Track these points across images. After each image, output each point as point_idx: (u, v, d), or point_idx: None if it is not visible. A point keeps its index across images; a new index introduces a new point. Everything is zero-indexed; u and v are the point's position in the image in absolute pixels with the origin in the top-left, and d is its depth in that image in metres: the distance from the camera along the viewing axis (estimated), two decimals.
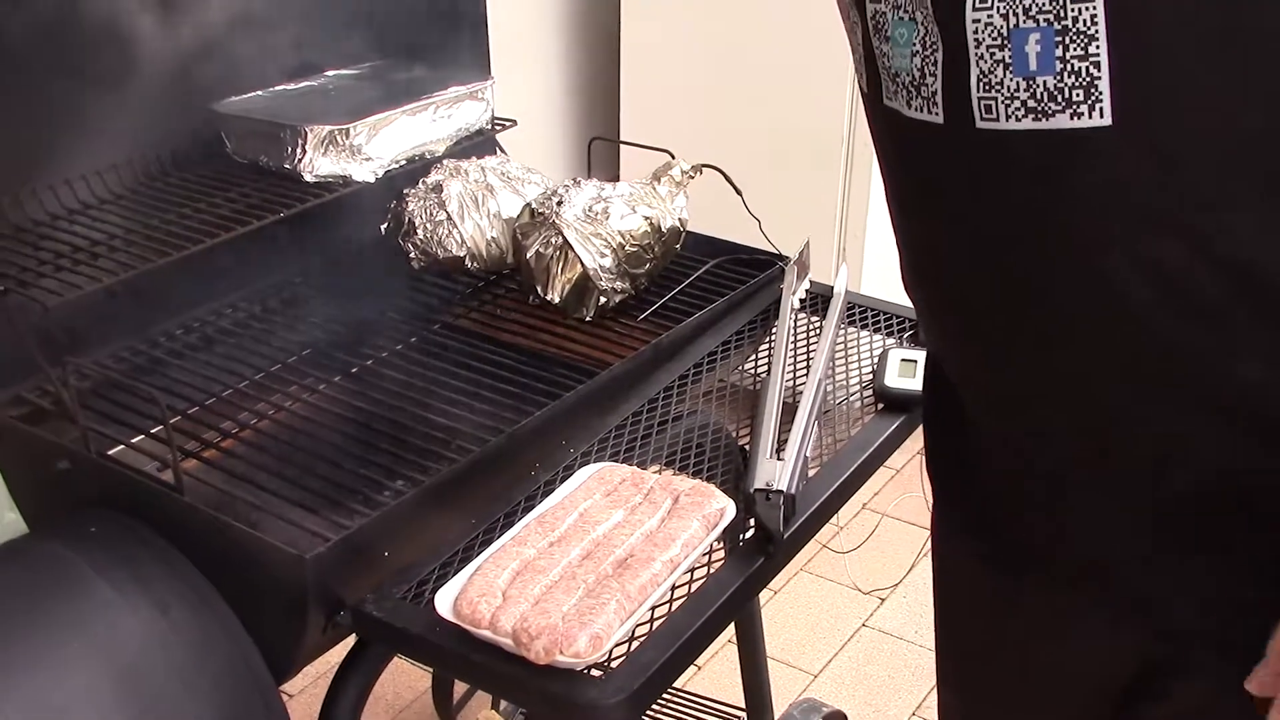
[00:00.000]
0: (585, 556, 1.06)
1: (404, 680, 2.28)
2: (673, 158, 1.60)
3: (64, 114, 1.45)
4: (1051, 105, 0.69)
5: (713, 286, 1.57)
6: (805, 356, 1.42)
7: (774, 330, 1.46)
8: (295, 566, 1.05)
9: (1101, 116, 0.68)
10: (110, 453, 1.24)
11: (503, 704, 2.05)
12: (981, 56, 0.71)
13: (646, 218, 1.50)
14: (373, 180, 1.51)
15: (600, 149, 1.96)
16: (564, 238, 1.45)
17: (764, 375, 1.39)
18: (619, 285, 1.48)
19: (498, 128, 1.70)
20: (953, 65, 0.73)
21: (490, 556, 1.08)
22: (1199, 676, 0.82)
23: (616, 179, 1.62)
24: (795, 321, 1.48)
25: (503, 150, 1.76)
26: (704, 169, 1.60)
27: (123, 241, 1.38)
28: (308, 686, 2.16)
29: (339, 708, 1.18)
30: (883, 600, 2.51)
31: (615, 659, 1.00)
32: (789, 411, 1.27)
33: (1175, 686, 0.83)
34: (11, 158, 1.41)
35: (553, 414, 1.28)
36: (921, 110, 0.77)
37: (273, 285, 1.61)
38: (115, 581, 1.11)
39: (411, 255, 1.57)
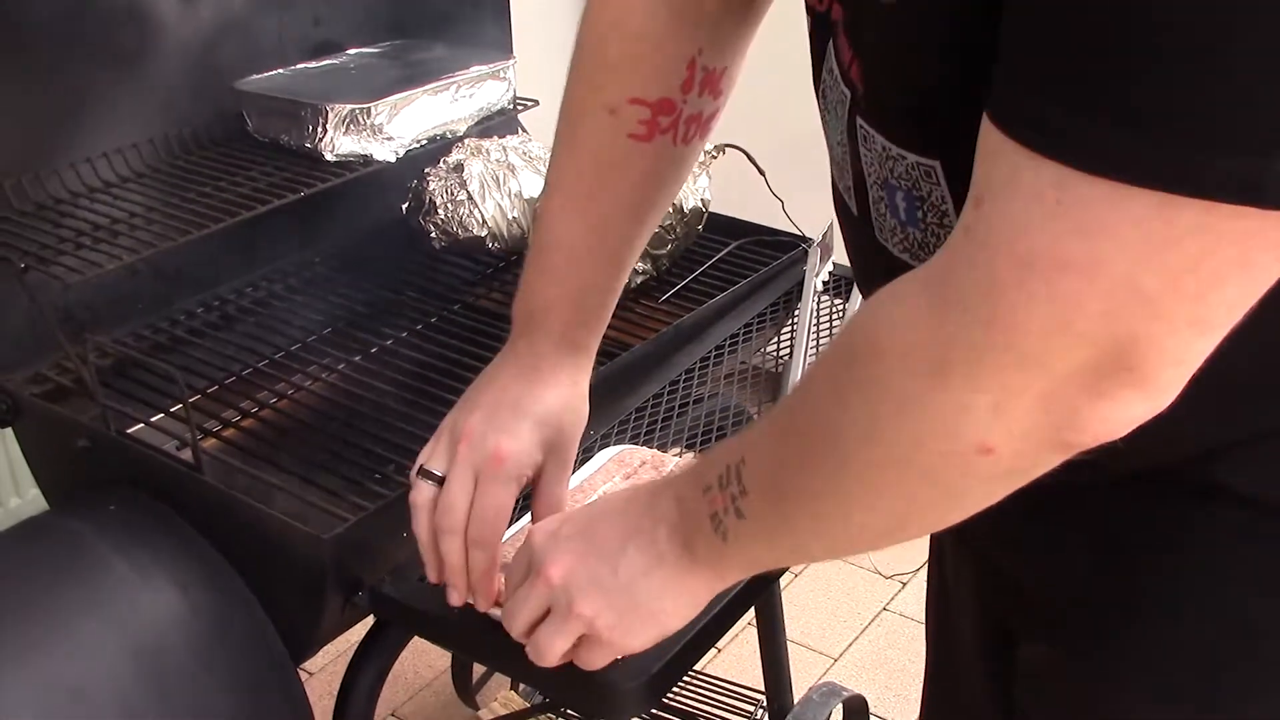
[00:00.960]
0: None
1: (423, 659, 2.28)
2: None
3: (85, 92, 1.45)
4: (921, 253, 0.71)
5: (735, 268, 1.55)
6: (828, 339, 1.41)
7: (796, 313, 1.45)
8: (314, 546, 1.04)
9: None
10: (130, 431, 1.23)
11: (521, 685, 2.05)
12: (871, 186, 0.73)
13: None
14: (394, 160, 1.50)
15: None
16: None
17: (786, 358, 1.38)
18: (640, 266, 1.47)
19: (519, 107, 1.69)
20: (858, 181, 0.75)
21: (509, 538, 1.07)
22: (1043, 638, 0.84)
23: None
24: (818, 304, 1.47)
25: (524, 130, 1.75)
26: (727, 149, 1.58)
27: (143, 220, 1.38)
28: (327, 665, 2.16)
29: (357, 688, 1.18)
30: (904, 584, 2.49)
31: None
32: None
33: (1025, 648, 0.85)
34: (33, 135, 1.41)
35: None
36: (848, 196, 0.79)
37: (293, 264, 1.61)
38: (134, 560, 1.11)
39: (432, 235, 1.56)
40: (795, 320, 1.45)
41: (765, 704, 1.86)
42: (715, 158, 1.57)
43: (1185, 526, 0.74)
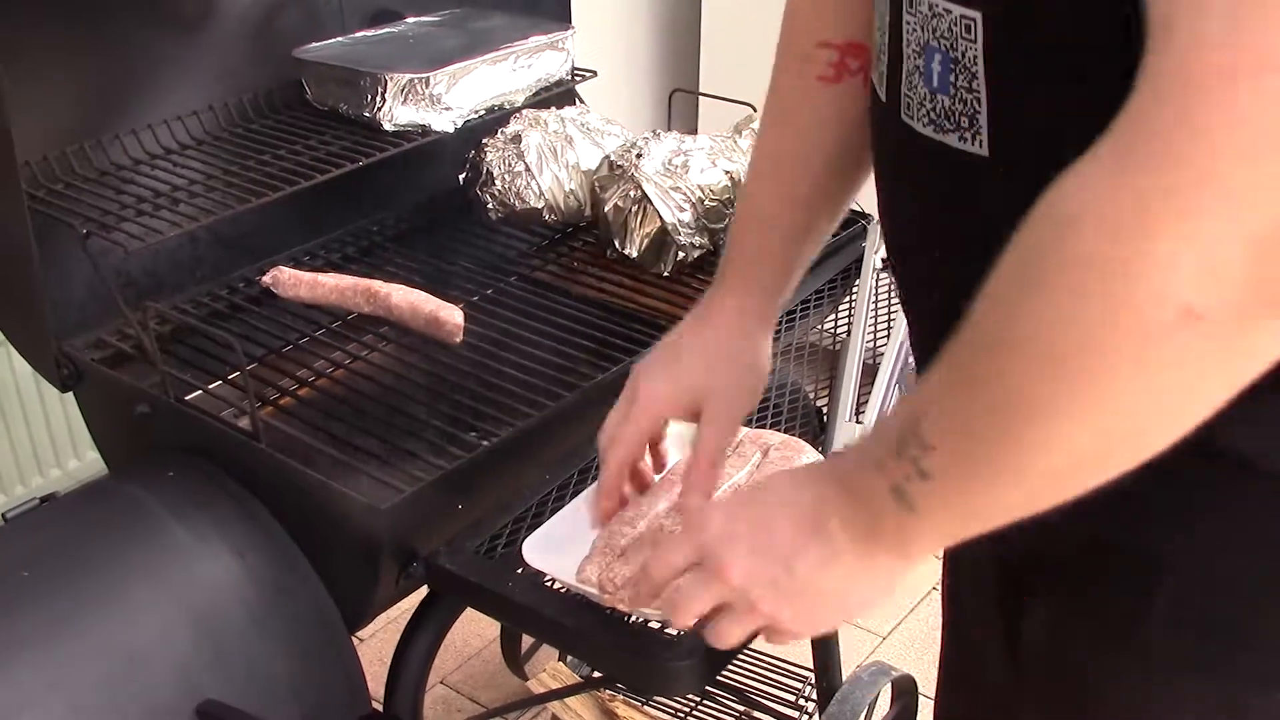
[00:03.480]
0: (672, 508, 1.05)
1: (472, 628, 2.29)
2: (755, 110, 1.57)
3: (147, 59, 1.45)
4: (945, 123, 0.71)
5: None
6: (887, 317, 1.39)
7: (855, 289, 1.44)
8: (371, 517, 1.05)
9: (980, 147, 0.70)
10: (188, 398, 1.24)
11: (570, 657, 2.05)
12: (908, 57, 0.73)
13: (727, 172, 1.47)
14: (451, 130, 1.50)
15: (678, 101, 1.93)
16: (643, 191, 1.44)
17: (844, 336, 1.36)
18: (697, 240, 1.46)
19: (578, 78, 1.68)
20: (895, 57, 0.75)
21: (574, 508, 1.07)
22: (1047, 597, 0.83)
23: (694, 132, 1.59)
24: (878, 281, 1.45)
25: (582, 101, 1.74)
26: None
27: (203, 187, 1.39)
28: (377, 631, 2.18)
29: (410, 658, 1.19)
30: None
31: None
32: (869, 373, 1.24)
33: (1030, 603, 0.84)
34: (96, 102, 1.42)
35: (627, 370, 1.26)
36: (879, 83, 0.79)
37: (350, 233, 1.61)
38: (193, 526, 1.12)
39: (489, 206, 1.56)
40: (853, 297, 1.43)
41: (813, 681, 1.85)
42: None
43: (1187, 487, 0.71)
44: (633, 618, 0.98)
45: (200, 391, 1.25)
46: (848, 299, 1.46)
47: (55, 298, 1.31)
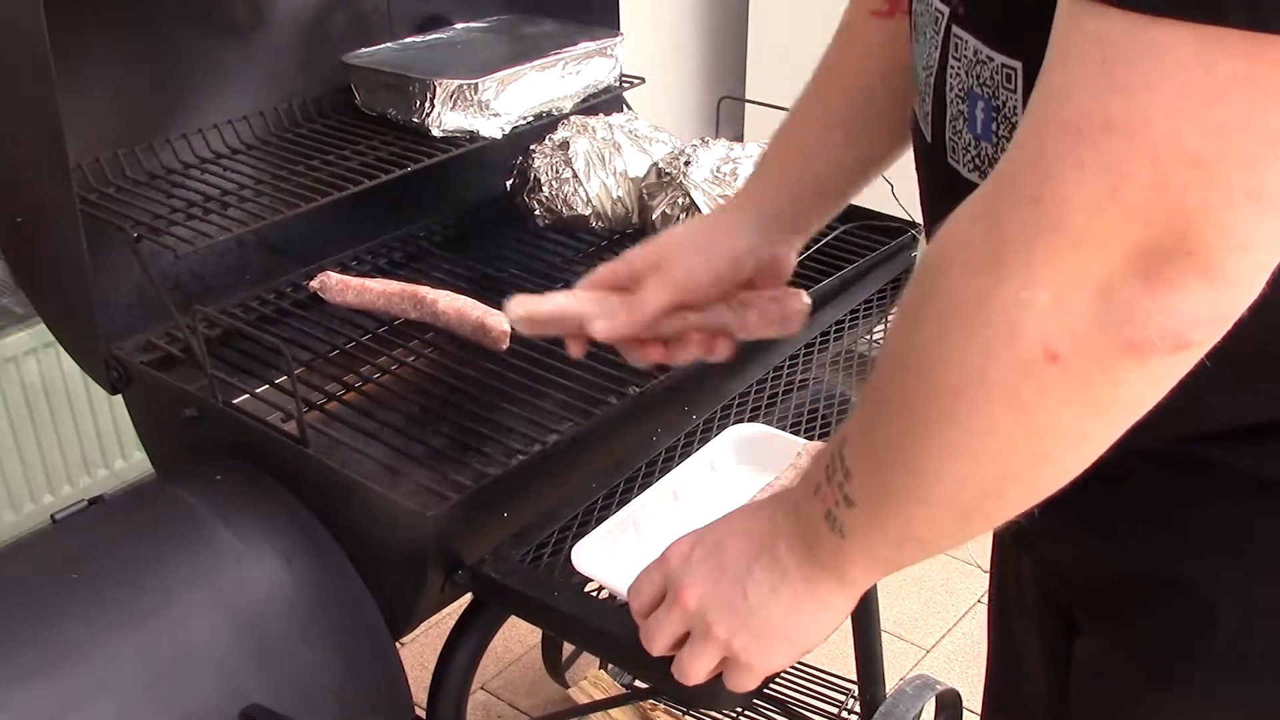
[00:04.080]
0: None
1: (513, 634, 2.29)
2: None
3: (198, 64, 1.46)
4: (989, 170, 0.70)
5: (842, 252, 1.52)
6: None
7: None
8: (417, 524, 1.04)
9: None
10: (235, 401, 1.24)
11: (610, 664, 2.05)
12: (952, 101, 0.73)
13: None
14: (499, 136, 1.50)
15: (726, 108, 1.92)
16: (691, 199, 1.43)
17: None
18: None
19: (625, 85, 1.67)
20: (939, 101, 0.75)
21: (624, 517, 1.06)
22: (1097, 631, 0.83)
23: (741, 139, 1.58)
24: None
25: (629, 107, 1.73)
26: None
27: (252, 191, 1.39)
28: (418, 636, 2.17)
29: (453, 665, 1.18)
30: None
31: None
32: None
33: (1078, 643, 0.84)
34: (147, 106, 1.43)
35: (675, 379, 1.26)
36: (924, 124, 0.79)
37: (397, 239, 1.61)
38: (239, 530, 1.12)
39: (536, 212, 1.55)
40: None
41: (856, 693, 1.84)
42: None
43: (1239, 519, 0.71)
44: None
45: (247, 395, 1.26)
46: (896, 310, 1.45)
47: (104, 300, 1.31)
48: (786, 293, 0.97)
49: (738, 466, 1.11)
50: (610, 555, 1.02)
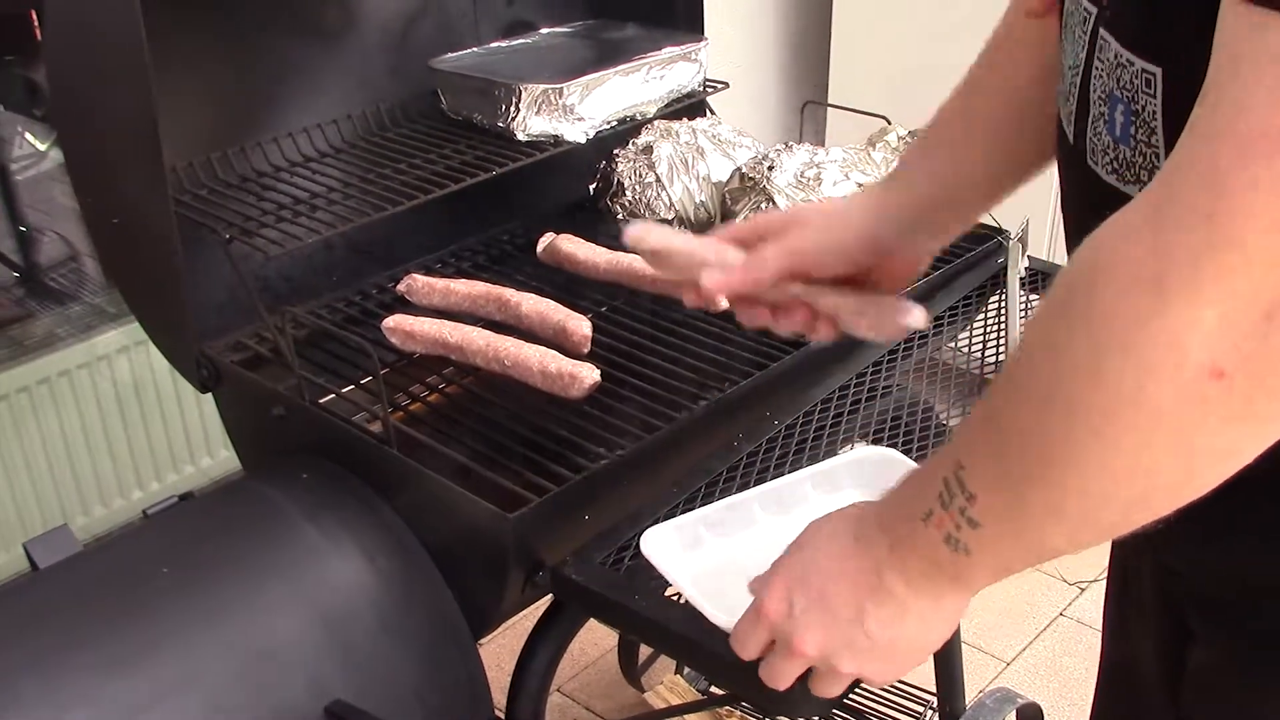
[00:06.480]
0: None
1: (590, 637, 2.29)
2: (889, 123, 1.55)
3: (288, 68, 1.49)
4: (1126, 174, 0.70)
5: None
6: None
7: (995, 308, 1.41)
8: (499, 525, 1.05)
9: None
10: (321, 401, 1.26)
11: (687, 669, 2.04)
12: (1095, 103, 0.73)
13: (860, 185, 1.45)
14: (584, 140, 1.50)
15: (808, 113, 1.91)
16: (774, 203, 1.42)
17: (1001, 360, 1.33)
18: None
19: (709, 89, 1.67)
20: (1082, 102, 0.74)
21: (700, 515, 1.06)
22: (1215, 640, 0.82)
23: (823, 144, 1.57)
24: (1027, 303, 1.42)
25: (713, 112, 1.73)
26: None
27: (340, 194, 1.41)
28: (495, 636, 2.19)
29: (532, 666, 1.19)
30: (1082, 590, 2.41)
31: None
32: None
33: (1193, 652, 0.84)
34: (239, 110, 1.45)
35: (757, 384, 1.25)
36: (1068, 124, 0.78)
37: (481, 242, 1.63)
38: (325, 528, 1.14)
39: (619, 217, 1.56)
40: (989, 315, 1.40)
41: (935, 705, 1.82)
42: (909, 143, 1.53)
43: None
44: None
45: (333, 395, 1.27)
46: (981, 317, 1.43)
47: (196, 301, 1.34)
48: (894, 301, 0.95)
49: (846, 491, 1.08)
50: (675, 549, 1.02)
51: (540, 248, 1.51)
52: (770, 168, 1.44)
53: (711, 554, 1.03)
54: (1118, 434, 0.59)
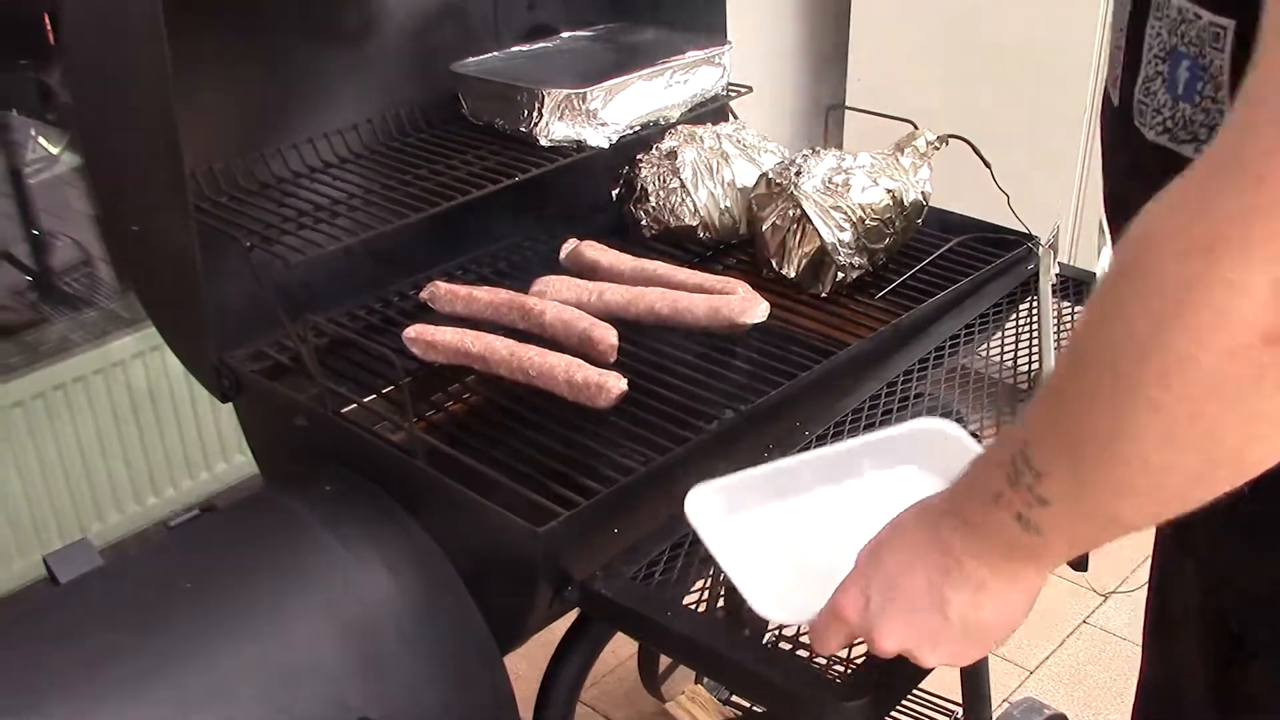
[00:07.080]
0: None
1: (609, 644, 2.26)
2: (915, 127, 1.53)
3: (308, 74, 1.47)
4: (1182, 133, 0.70)
5: (954, 265, 1.49)
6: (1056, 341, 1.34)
7: (1027, 315, 1.38)
8: (527, 539, 1.03)
9: None
10: (343, 411, 1.24)
11: (706, 679, 2.02)
12: (1149, 62, 0.72)
13: (889, 190, 1.43)
14: (607, 146, 1.48)
15: (822, 117, 1.89)
16: (802, 210, 1.40)
17: (1035, 369, 1.31)
18: (857, 260, 1.42)
19: (733, 94, 1.65)
20: (1132, 60, 0.74)
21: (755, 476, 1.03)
22: (1269, 657, 0.81)
23: (840, 147, 1.55)
24: (1060, 310, 1.39)
25: (736, 116, 1.71)
26: (950, 140, 1.52)
27: (361, 201, 1.40)
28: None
29: (560, 680, 1.17)
30: (1105, 597, 2.39)
31: (857, 658, 0.95)
32: None
33: (1247, 668, 0.83)
34: (259, 116, 1.44)
35: (788, 394, 1.23)
36: (1113, 86, 0.78)
37: (502, 248, 1.61)
38: (348, 541, 1.12)
39: (643, 222, 1.54)
40: (1021, 322, 1.38)
41: (960, 715, 1.80)
42: (939, 149, 1.51)
43: None
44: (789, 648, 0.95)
45: (355, 405, 1.25)
46: (1013, 324, 1.41)
47: (216, 309, 1.32)
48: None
49: (901, 466, 1.04)
50: (718, 513, 1.00)
51: (563, 254, 1.49)
52: (797, 173, 1.42)
53: (755, 520, 1.01)
54: (1173, 402, 0.59)
